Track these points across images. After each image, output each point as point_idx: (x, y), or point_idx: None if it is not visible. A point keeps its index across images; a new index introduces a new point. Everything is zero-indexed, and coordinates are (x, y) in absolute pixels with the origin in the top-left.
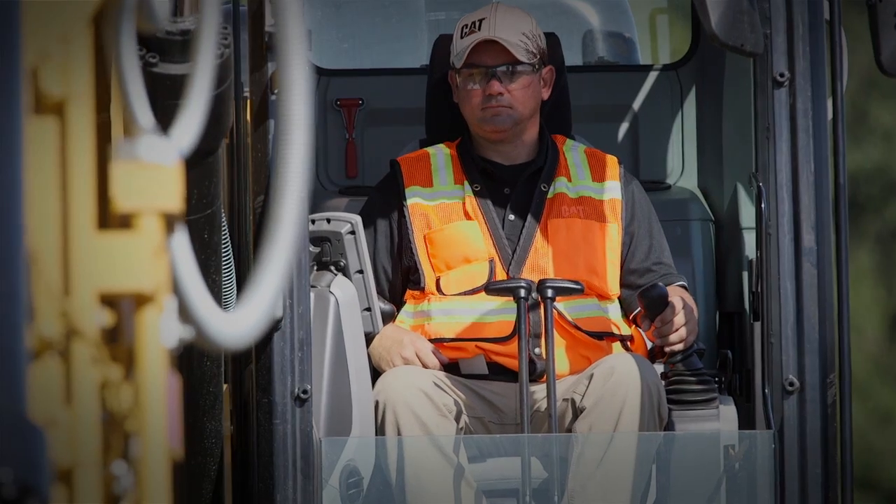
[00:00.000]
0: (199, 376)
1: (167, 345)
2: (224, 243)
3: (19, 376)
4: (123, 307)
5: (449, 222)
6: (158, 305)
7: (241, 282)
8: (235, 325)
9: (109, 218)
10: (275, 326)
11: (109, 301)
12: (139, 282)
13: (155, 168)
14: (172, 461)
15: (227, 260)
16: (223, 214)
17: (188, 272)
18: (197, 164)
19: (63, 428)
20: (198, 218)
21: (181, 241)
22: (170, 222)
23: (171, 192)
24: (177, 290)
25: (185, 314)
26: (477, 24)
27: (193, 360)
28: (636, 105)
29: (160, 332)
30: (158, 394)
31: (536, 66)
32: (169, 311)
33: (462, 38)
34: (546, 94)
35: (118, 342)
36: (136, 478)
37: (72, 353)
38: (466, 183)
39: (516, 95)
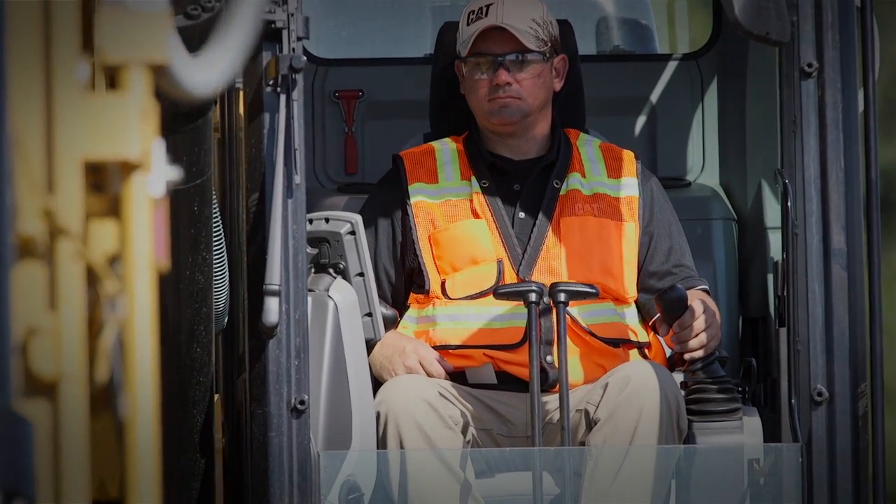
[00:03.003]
0: (187, 364)
1: (155, 195)
2: (215, 218)
3: (5, 367)
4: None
5: (455, 221)
6: (147, 168)
7: (233, 272)
8: (204, 70)
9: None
10: (270, 333)
11: (94, 169)
12: (127, 147)
13: (142, 17)
14: (158, 275)
15: (217, 236)
16: (213, 188)
17: None
18: (185, 127)
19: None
20: (187, 188)
21: None
22: None
23: (159, 43)
24: None
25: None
26: (484, 9)
27: (182, 346)
28: (654, 97)
29: (148, 185)
30: (147, 265)
31: (547, 55)
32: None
33: (468, 24)
34: (558, 86)
35: (105, 196)
36: (123, 338)
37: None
38: (474, 179)
39: (525, 85)
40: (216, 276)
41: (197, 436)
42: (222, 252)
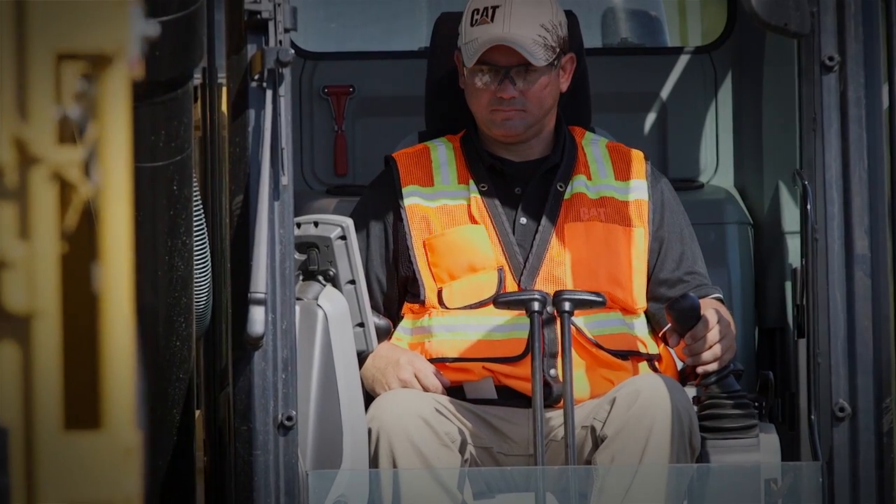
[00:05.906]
0: (166, 358)
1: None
2: (196, 199)
3: None
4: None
5: (452, 226)
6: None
7: (216, 280)
8: None
9: None
10: (255, 344)
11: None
12: (101, 38)
13: None
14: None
15: (198, 219)
16: (194, 166)
17: None
18: (164, 98)
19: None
20: (166, 165)
21: None
22: None
23: None
24: None
25: None
26: (490, 11)
27: (160, 340)
28: (664, 93)
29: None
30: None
31: (556, 63)
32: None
33: (472, 25)
34: (565, 86)
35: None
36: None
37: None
38: (472, 182)
39: (531, 96)
40: (197, 265)
41: (175, 438)
42: (204, 238)
